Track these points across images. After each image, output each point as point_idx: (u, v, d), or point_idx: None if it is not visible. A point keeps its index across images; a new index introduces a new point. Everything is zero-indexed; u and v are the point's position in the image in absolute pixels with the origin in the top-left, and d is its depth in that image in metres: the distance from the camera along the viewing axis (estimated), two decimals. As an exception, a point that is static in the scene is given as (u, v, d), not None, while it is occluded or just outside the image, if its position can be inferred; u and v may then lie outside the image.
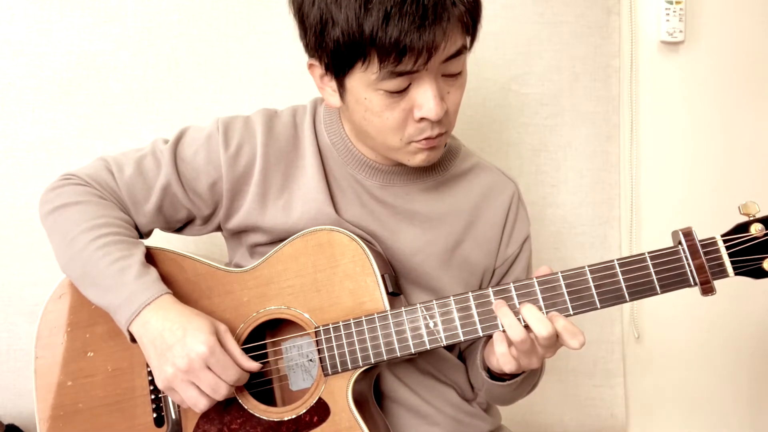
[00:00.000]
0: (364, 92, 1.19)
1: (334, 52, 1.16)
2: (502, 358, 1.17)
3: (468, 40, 1.20)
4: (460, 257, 1.37)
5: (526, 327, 1.14)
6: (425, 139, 1.23)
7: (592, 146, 1.94)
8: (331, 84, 1.24)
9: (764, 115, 2.03)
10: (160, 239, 1.40)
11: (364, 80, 1.17)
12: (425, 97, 1.18)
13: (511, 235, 1.42)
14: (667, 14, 1.94)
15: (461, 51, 1.19)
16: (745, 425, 2.09)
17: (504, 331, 1.15)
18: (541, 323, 1.13)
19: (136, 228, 1.37)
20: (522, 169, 1.91)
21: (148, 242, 1.35)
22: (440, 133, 1.24)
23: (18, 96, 1.74)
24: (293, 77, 1.81)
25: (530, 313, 1.14)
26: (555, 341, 1.15)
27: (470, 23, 1.18)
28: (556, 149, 1.94)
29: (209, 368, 1.18)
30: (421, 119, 1.20)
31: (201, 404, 1.19)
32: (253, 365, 1.23)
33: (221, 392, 1.18)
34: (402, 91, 1.18)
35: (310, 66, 1.26)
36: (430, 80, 1.17)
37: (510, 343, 1.16)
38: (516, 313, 1.16)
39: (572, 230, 1.95)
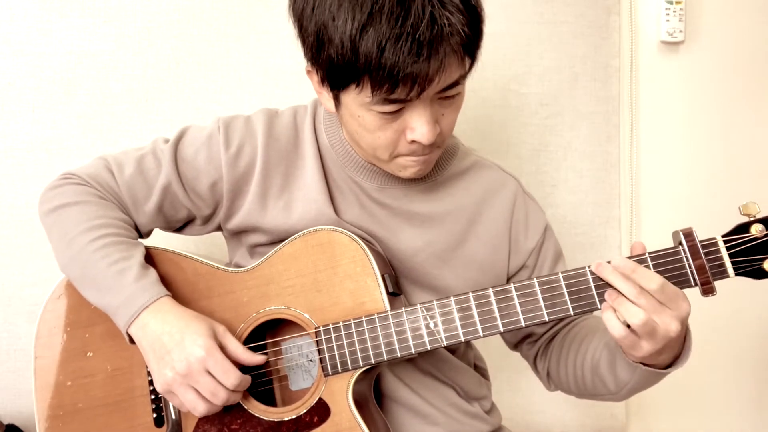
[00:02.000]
0: (358, 110, 1.19)
1: (329, 69, 1.16)
2: (621, 307, 1.11)
3: (467, 66, 1.18)
4: (465, 256, 1.37)
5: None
6: (415, 156, 1.24)
7: (592, 146, 1.94)
8: (328, 93, 1.23)
9: (764, 115, 2.03)
10: (159, 239, 1.40)
11: (357, 100, 1.17)
12: (418, 122, 1.17)
13: (527, 227, 1.41)
14: (667, 14, 1.94)
15: (458, 81, 1.18)
16: (745, 425, 2.09)
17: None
18: (629, 314, 1.09)
19: (136, 228, 1.37)
20: (522, 169, 1.90)
21: (147, 242, 1.35)
22: (430, 152, 1.24)
23: (18, 96, 1.74)
24: (293, 77, 1.81)
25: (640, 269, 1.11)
26: (658, 305, 1.10)
27: (468, 55, 1.16)
28: (556, 149, 1.94)
29: (209, 372, 1.18)
30: (413, 141, 1.20)
31: (200, 408, 1.19)
32: (258, 358, 1.23)
33: (220, 396, 1.18)
34: (395, 113, 1.17)
35: (308, 72, 1.26)
36: (425, 106, 1.16)
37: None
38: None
39: (572, 230, 1.95)
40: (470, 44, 1.15)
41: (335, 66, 1.13)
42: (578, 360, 1.33)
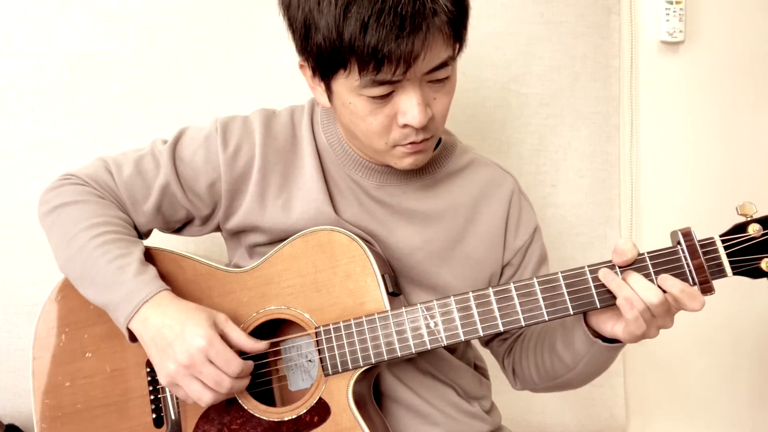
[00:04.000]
0: (349, 97, 1.20)
1: (318, 57, 1.17)
2: (634, 323, 1.13)
3: (456, 49, 1.20)
4: (462, 254, 1.37)
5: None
6: (410, 143, 1.24)
7: (592, 146, 1.94)
8: (320, 85, 1.24)
9: (764, 115, 2.03)
10: (158, 240, 1.40)
11: (347, 86, 1.18)
12: (408, 105, 1.18)
13: (518, 226, 1.42)
14: (667, 14, 1.94)
15: (446, 62, 1.18)
16: (745, 425, 2.09)
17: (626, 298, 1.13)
18: (650, 290, 1.12)
19: (135, 228, 1.37)
20: (522, 169, 1.90)
21: (147, 242, 1.35)
22: (425, 138, 1.24)
23: (18, 96, 1.74)
24: (293, 77, 1.80)
25: (637, 281, 1.13)
26: (669, 308, 1.13)
27: (453, 33, 1.17)
28: (556, 149, 1.94)
29: (211, 362, 1.17)
30: (405, 125, 1.20)
31: (206, 398, 1.19)
32: (261, 346, 1.23)
33: (225, 385, 1.18)
34: (386, 97, 1.18)
35: (301, 66, 1.27)
36: (414, 87, 1.17)
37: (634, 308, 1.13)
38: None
39: (572, 230, 1.94)
40: (455, 21, 1.15)
41: (323, 52, 1.15)
42: (538, 344, 1.36)
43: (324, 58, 1.16)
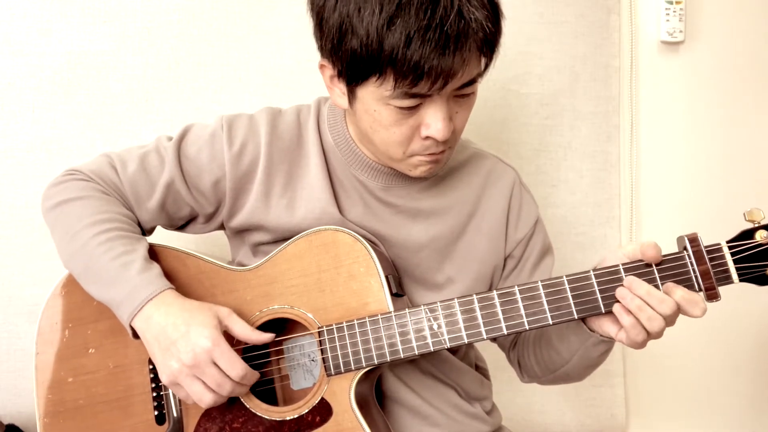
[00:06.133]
0: (375, 105, 1.19)
1: (350, 62, 1.16)
2: (632, 329, 1.14)
3: (483, 65, 1.20)
4: (464, 247, 1.38)
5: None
6: (429, 153, 1.24)
7: (592, 146, 1.94)
8: (341, 87, 1.23)
9: (764, 115, 2.03)
10: (159, 238, 1.40)
11: (376, 94, 1.17)
12: (434, 118, 1.18)
13: (519, 218, 1.42)
14: (667, 14, 1.94)
15: (475, 79, 1.19)
16: (745, 425, 2.09)
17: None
18: (664, 303, 1.12)
19: (139, 224, 1.37)
20: (522, 169, 1.89)
21: (150, 239, 1.35)
22: (443, 150, 1.25)
23: (18, 96, 1.74)
24: (293, 77, 1.81)
25: (651, 295, 1.13)
26: (677, 313, 1.14)
27: (489, 51, 1.18)
28: (556, 149, 1.94)
29: (215, 363, 1.18)
30: (427, 137, 1.20)
31: (206, 399, 1.19)
32: (266, 336, 1.23)
33: (226, 388, 1.18)
34: (413, 108, 1.18)
35: (322, 66, 1.25)
36: (442, 102, 1.17)
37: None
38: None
39: (572, 230, 1.95)
40: (492, 41, 1.16)
41: (357, 58, 1.14)
42: (537, 336, 1.38)
43: (357, 64, 1.15)
